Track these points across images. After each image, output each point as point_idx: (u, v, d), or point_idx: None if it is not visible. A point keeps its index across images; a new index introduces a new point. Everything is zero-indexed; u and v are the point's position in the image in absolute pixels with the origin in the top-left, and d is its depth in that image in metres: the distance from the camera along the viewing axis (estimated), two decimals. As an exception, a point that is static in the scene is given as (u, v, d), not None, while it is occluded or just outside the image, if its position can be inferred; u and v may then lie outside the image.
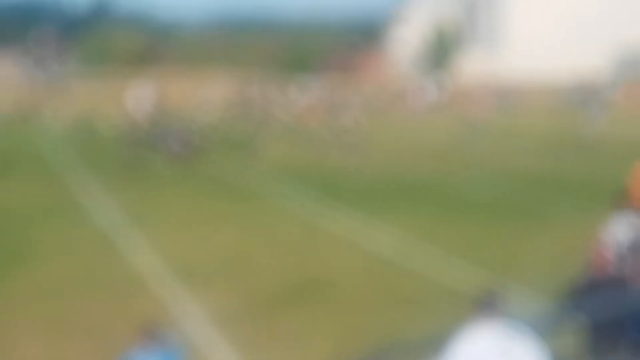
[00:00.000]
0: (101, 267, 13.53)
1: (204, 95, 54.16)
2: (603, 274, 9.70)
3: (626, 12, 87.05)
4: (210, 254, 14.37)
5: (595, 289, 8.95)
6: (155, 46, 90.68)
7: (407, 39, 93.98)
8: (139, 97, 46.81)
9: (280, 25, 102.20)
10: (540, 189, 20.99)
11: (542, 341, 6.34)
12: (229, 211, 18.68)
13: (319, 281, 12.42)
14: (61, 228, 16.77)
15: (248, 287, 12.18)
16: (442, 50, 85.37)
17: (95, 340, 9.98)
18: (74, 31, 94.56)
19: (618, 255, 9.72)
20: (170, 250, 14.64)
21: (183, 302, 11.47)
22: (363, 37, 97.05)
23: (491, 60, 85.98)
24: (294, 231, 16.39)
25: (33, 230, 16.47)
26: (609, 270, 9.71)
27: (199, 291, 11.96)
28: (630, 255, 9.56)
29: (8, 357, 9.70)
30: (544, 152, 28.77)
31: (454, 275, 12.55)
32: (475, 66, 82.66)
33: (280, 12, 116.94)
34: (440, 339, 6.61)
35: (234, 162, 27.79)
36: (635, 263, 9.44)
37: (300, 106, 48.34)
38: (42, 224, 17.10)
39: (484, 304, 6.51)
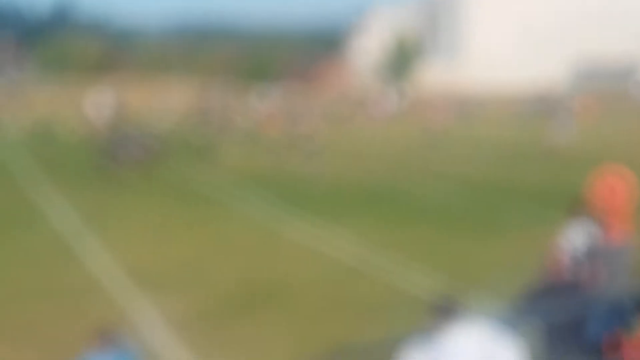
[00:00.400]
0: (58, 272, 13.43)
1: (164, 102, 54.03)
2: (559, 279, 9.84)
3: (584, 25, 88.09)
4: (168, 259, 14.31)
5: (551, 294, 9.06)
6: (115, 53, 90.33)
7: (368, 48, 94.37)
8: (98, 103, 46.70)
9: (240, 33, 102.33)
10: (498, 196, 21.14)
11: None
12: (187, 217, 18.62)
13: (277, 286, 12.41)
14: (19, 233, 16.64)
15: (205, 292, 12.14)
16: (402, 59, 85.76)
17: (51, 345, 9.90)
18: (33, 37, 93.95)
19: (574, 261, 9.86)
20: (127, 255, 14.55)
21: (140, 307, 11.41)
22: (324, 46, 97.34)
23: (451, 70, 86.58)
24: (252, 237, 16.36)
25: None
26: (564, 276, 9.84)
27: (156, 296, 11.90)
28: (586, 261, 9.69)
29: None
30: (502, 160, 28.98)
31: (412, 280, 12.59)
32: (436, 76, 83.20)
33: (240, 20, 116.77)
34: (398, 343, 6.62)
35: (192, 168, 27.71)
36: (590, 269, 9.56)
37: (260, 114, 48.36)
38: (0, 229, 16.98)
39: (441, 309, 6.52)
